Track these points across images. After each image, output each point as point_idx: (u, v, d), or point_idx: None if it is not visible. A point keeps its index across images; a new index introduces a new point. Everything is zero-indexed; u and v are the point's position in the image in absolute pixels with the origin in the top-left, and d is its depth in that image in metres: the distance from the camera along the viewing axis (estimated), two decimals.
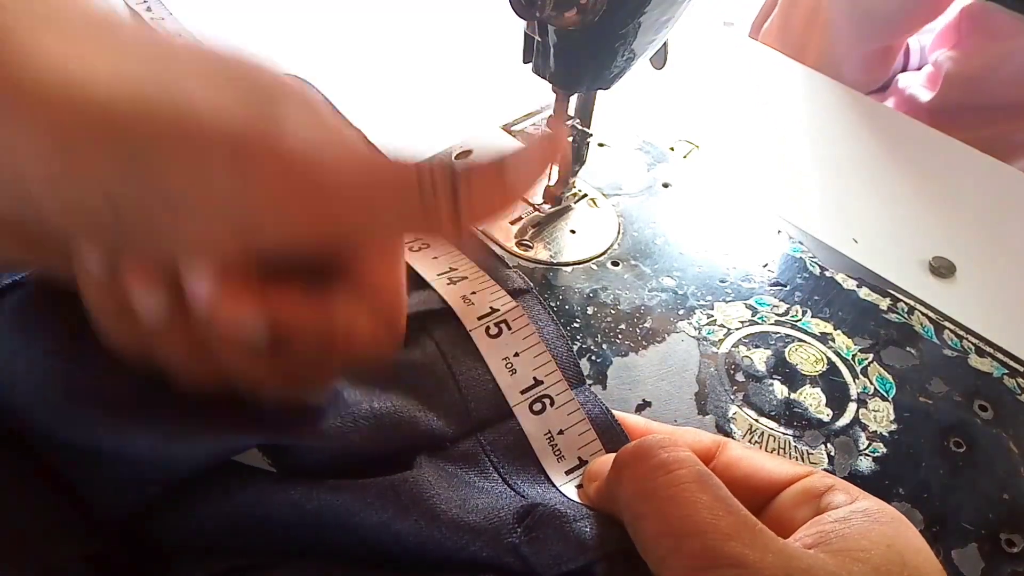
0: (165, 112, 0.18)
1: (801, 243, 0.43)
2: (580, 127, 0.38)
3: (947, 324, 0.39)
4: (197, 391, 0.22)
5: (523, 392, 0.30)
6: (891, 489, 0.32)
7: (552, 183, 0.42)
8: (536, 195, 0.42)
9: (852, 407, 0.35)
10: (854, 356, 0.37)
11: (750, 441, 0.33)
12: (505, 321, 0.31)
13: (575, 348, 0.36)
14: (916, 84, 0.71)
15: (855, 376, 0.36)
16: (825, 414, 0.34)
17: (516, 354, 0.31)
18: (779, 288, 0.40)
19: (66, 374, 0.24)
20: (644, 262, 0.41)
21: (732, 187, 0.46)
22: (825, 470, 0.32)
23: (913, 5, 0.69)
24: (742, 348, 0.37)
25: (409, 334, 0.26)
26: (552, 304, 0.38)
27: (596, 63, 0.35)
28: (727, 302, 0.39)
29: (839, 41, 0.72)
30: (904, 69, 0.78)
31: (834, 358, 0.37)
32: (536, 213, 0.42)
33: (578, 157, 0.40)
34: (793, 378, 0.36)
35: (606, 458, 0.27)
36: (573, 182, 0.42)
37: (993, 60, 0.64)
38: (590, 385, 0.34)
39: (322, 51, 0.53)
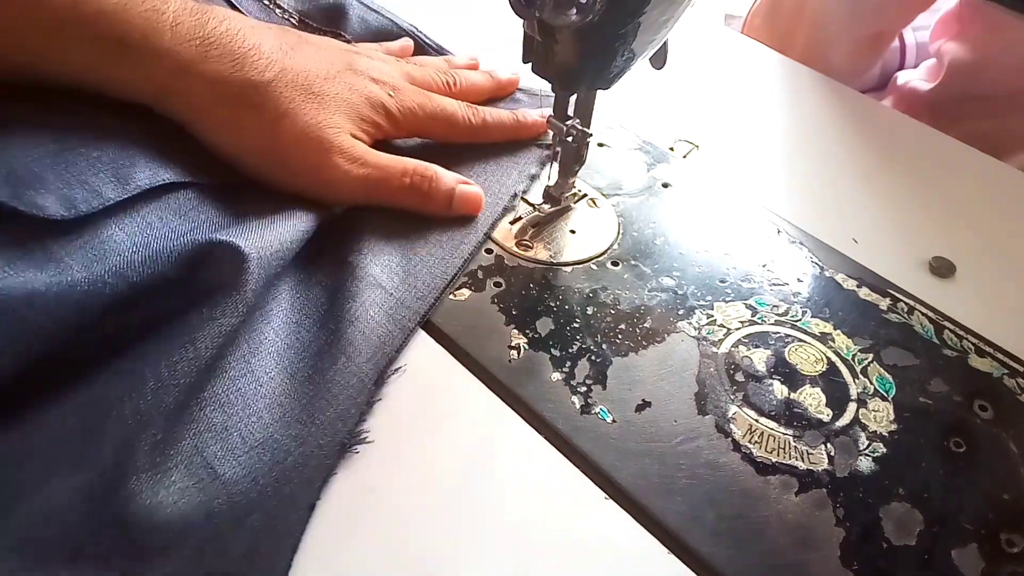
0: None
1: (801, 243, 0.43)
2: (580, 127, 0.38)
3: (947, 324, 0.39)
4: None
5: None
6: (891, 489, 0.32)
7: (552, 183, 0.42)
8: (536, 195, 0.42)
9: (852, 407, 0.35)
10: (854, 356, 0.37)
11: (750, 442, 0.33)
12: None
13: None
14: (916, 78, 0.71)
15: (855, 376, 0.36)
16: (825, 414, 0.34)
17: None
18: (779, 288, 0.40)
19: None
20: (644, 262, 0.41)
21: (732, 187, 0.46)
22: (825, 470, 0.32)
23: None
24: (742, 348, 0.37)
25: None
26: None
27: (596, 63, 0.35)
28: (727, 302, 0.39)
29: (829, 24, 0.71)
30: (900, 67, 0.78)
31: (834, 358, 0.37)
32: (536, 213, 0.42)
33: (578, 157, 0.40)
34: (793, 378, 0.36)
35: None
36: (573, 182, 0.42)
37: (997, 48, 0.63)
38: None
39: None
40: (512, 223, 0.42)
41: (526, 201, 0.42)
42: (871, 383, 0.36)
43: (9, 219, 0.29)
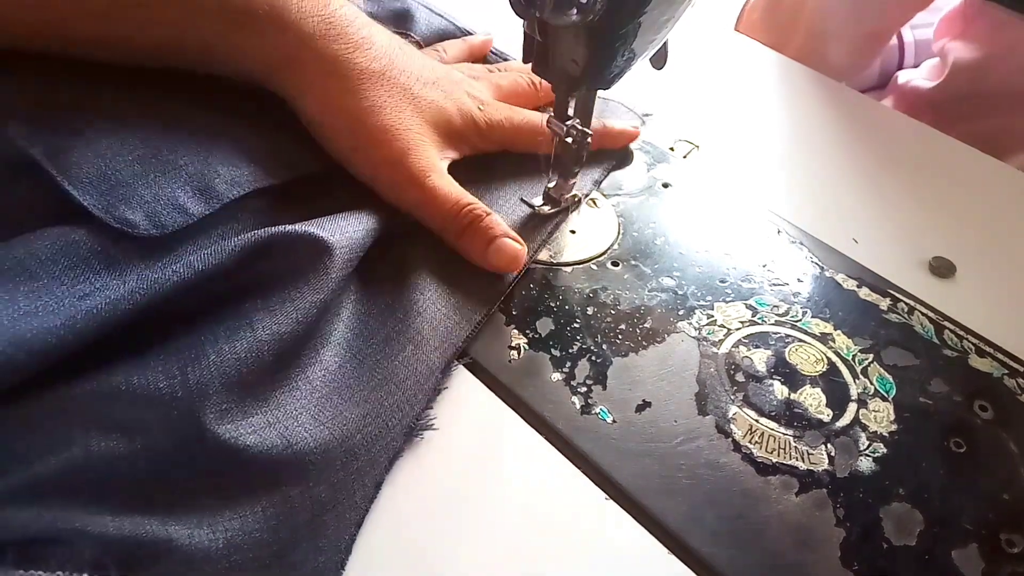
0: None
1: (801, 243, 0.43)
2: (580, 127, 0.38)
3: (947, 324, 0.39)
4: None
5: None
6: (891, 489, 0.32)
7: (551, 185, 0.42)
8: (536, 197, 0.42)
9: (852, 407, 0.35)
10: (854, 356, 0.37)
11: (750, 442, 0.33)
12: None
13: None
14: (918, 78, 0.71)
15: (855, 376, 0.36)
16: (825, 414, 0.34)
17: None
18: (779, 288, 0.40)
19: None
20: (644, 262, 0.41)
21: (732, 187, 0.46)
22: (825, 470, 0.32)
23: None
24: (742, 348, 0.37)
25: None
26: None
27: (596, 63, 0.35)
28: (727, 302, 0.39)
29: (829, 21, 0.71)
30: (899, 66, 0.78)
31: (834, 358, 0.37)
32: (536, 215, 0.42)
33: (578, 159, 0.40)
34: (793, 378, 0.36)
35: None
36: (573, 184, 0.42)
37: (1001, 48, 0.63)
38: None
39: None
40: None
41: (525, 202, 0.41)
42: (871, 383, 0.36)
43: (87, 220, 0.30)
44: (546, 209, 0.41)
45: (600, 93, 0.48)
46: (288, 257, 0.32)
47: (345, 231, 0.34)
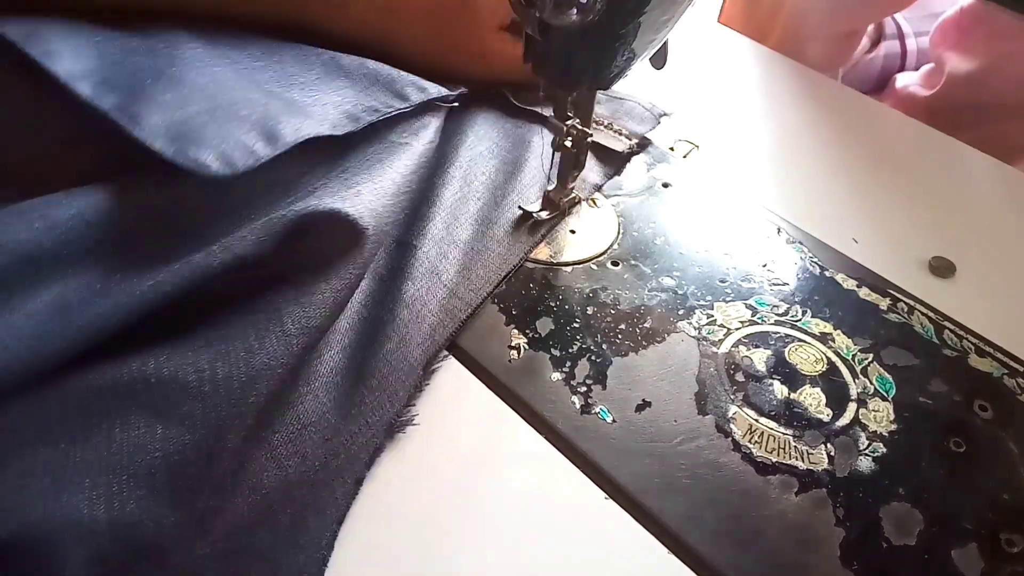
0: None
1: (801, 243, 0.43)
2: (579, 127, 0.38)
3: (947, 324, 0.39)
4: None
5: None
6: (891, 489, 0.32)
7: (551, 189, 0.41)
8: (534, 203, 0.42)
9: (852, 407, 0.35)
10: (854, 356, 0.37)
11: (750, 442, 0.33)
12: None
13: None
14: (915, 83, 0.71)
15: (855, 376, 0.36)
16: (825, 414, 0.34)
17: None
18: (779, 288, 0.40)
19: None
20: (644, 262, 0.41)
21: (732, 187, 0.46)
22: (825, 470, 0.32)
23: None
24: (742, 348, 0.37)
25: None
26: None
27: (596, 63, 0.35)
28: (727, 302, 0.39)
29: (807, 19, 0.71)
30: (900, 70, 0.78)
31: (834, 358, 0.37)
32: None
33: (577, 162, 0.40)
34: (793, 378, 0.36)
35: None
36: (572, 187, 0.42)
37: (997, 59, 0.63)
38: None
39: None
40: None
41: (523, 209, 0.41)
42: (871, 383, 0.36)
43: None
44: (544, 215, 0.41)
45: (617, 91, 0.48)
46: (324, 240, 0.32)
47: (371, 205, 0.34)
